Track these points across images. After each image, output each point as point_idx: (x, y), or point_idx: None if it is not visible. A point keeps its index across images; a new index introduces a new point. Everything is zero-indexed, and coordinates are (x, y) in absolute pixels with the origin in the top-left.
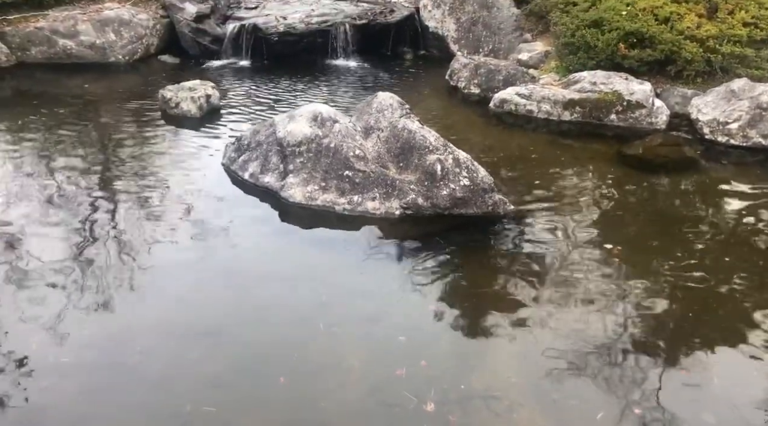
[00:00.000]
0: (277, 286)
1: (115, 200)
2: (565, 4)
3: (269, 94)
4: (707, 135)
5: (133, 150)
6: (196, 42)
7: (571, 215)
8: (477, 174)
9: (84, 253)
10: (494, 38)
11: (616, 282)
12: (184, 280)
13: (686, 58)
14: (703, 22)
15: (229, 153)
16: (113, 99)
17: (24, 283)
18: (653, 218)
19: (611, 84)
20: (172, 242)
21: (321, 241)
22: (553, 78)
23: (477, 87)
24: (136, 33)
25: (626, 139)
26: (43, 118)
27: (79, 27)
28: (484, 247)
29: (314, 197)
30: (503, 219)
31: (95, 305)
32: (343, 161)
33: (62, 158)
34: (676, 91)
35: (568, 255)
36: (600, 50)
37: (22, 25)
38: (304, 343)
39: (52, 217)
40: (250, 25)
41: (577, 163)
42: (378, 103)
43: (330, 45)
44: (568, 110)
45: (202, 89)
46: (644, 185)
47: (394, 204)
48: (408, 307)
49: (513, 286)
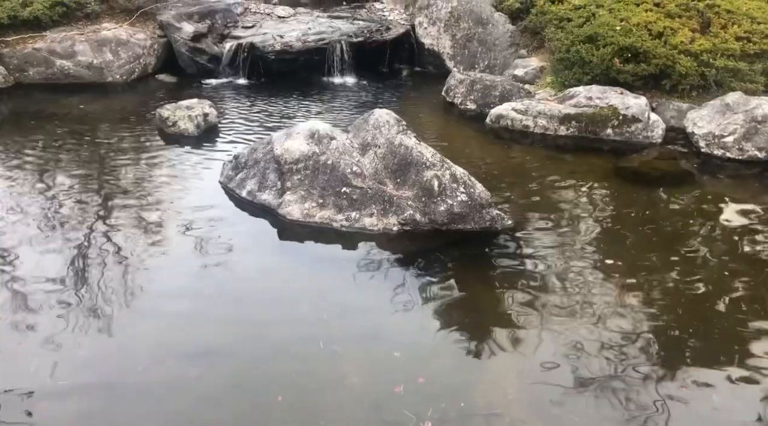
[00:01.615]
0: (276, 304)
1: (113, 219)
2: (559, 20)
3: (266, 111)
4: (703, 148)
5: (131, 169)
6: (194, 61)
7: (568, 230)
8: (474, 189)
9: (81, 273)
10: (490, 54)
11: (615, 297)
12: (181, 298)
13: (681, 72)
14: (696, 37)
15: (227, 171)
16: (111, 118)
17: (21, 303)
18: (651, 232)
19: (607, 98)
20: (169, 261)
21: (319, 257)
22: (549, 93)
23: (473, 103)
24: (133, 53)
25: (622, 153)
26: (41, 138)
27: (76, 47)
28: (482, 262)
29: (312, 214)
30: (501, 234)
31: (93, 325)
32: (341, 178)
33: (60, 178)
34: (672, 105)
35: (566, 270)
36: (595, 65)
37: (21, 47)
38: (303, 361)
39: (50, 237)
40: (247, 43)
41: (574, 178)
42: (375, 119)
43: (327, 63)
44: (564, 125)
45: (200, 108)
46: (641, 199)
47: (392, 220)
48: (407, 323)
49: (512, 302)
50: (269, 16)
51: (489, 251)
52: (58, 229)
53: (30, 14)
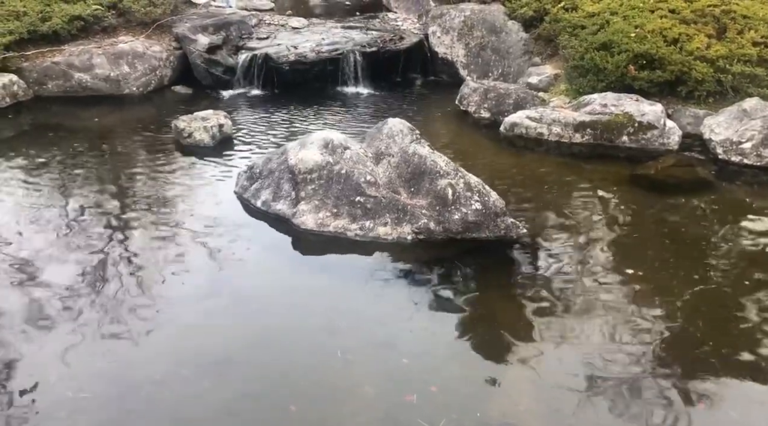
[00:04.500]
0: (290, 313)
1: (129, 229)
2: (573, 28)
3: (281, 122)
4: (720, 155)
5: (147, 180)
6: (209, 72)
7: (585, 238)
8: (489, 198)
9: (98, 283)
10: (503, 62)
11: (632, 307)
12: (196, 307)
13: (697, 78)
14: (712, 43)
15: (242, 181)
16: (127, 130)
17: (40, 313)
18: (669, 240)
19: (622, 106)
20: (184, 270)
21: (333, 267)
22: (563, 101)
23: (487, 111)
24: (149, 65)
25: (638, 160)
26: (59, 150)
27: (94, 60)
28: (497, 271)
29: (326, 223)
30: (516, 243)
31: (110, 335)
32: (355, 187)
33: (77, 189)
34: (688, 112)
35: (583, 279)
36: (609, 72)
37: (40, 60)
38: (317, 370)
39: (67, 247)
40: (262, 55)
41: (589, 185)
42: (388, 128)
43: (340, 72)
44: (579, 132)
45: (215, 119)
46: (658, 207)
47: (406, 229)
48: (421, 332)
49: (527, 311)
50: (283, 28)
51: (504, 260)
52: (74, 240)
53: (49, 28)
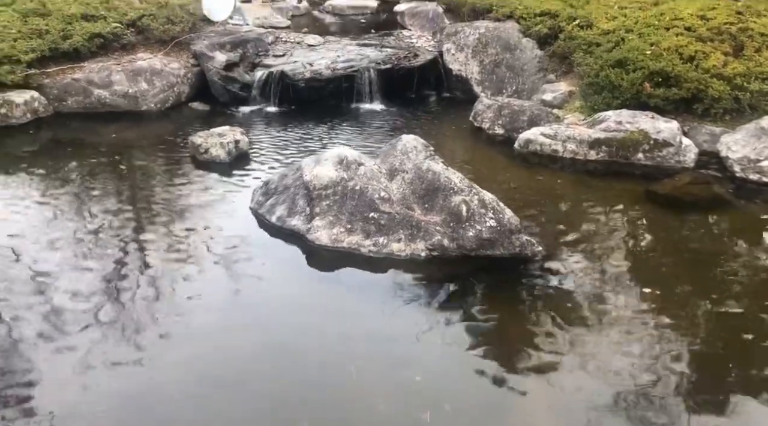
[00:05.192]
0: (304, 330)
1: (145, 244)
2: (588, 45)
3: (296, 138)
4: (738, 173)
5: (164, 195)
6: (226, 89)
7: (601, 256)
8: (503, 215)
9: (114, 298)
10: (518, 79)
11: (651, 326)
12: (211, 323)
13: (713, 96)
14: (729, 61)
15: (257, 197)
16: (145, 146)
17: (56, 328)
18: (686, 259)
19: (637, 123)
20: (199, 286)
21: (347, 283)
22: (578, 118)
23: (501, 128)
24: (167, 82)
25: (654, 177)
26: (77, 165)
27: (113, 77)
28: (513, 289)
29: (340, 239)
30: (532, 260)
31: (126, 351)
32: (369, 203)
33: (94, 204)
34: (704, 129)
35: (599, 298)
36: (625, 90)
37: (60, 77)
38: (332, 387)
39: (84, 262)
40: (278, 72)
41: (605, 203)
42: (402, 145)
43: (355, 89)
44: (594, 149)
45: (231, 135)
46: (675, 225)
47: (420, 245)
48: (435, 349)
49: (543, 330)
50: (299, 45)
51: (519, 278)
52: (91, 254)
53: (70, 46)
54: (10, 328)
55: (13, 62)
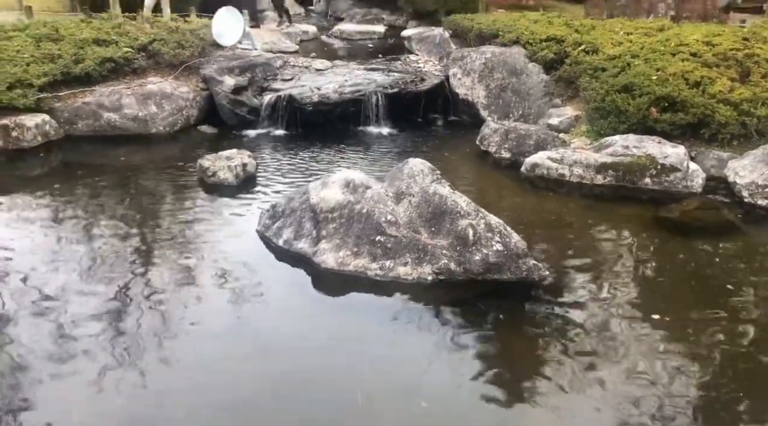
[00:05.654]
0: (310, 355)
1: (151, 266)
2: (594, 70)
3: (303, 161)
4: (746, 198)
5: (171, 218)
6: (234, 113)
7: (609, 282)
8: (510, 239)
9: (120, 321)
10: (524, 104)
11: (660, 354)
12: (217, 348)
13: (720, 121)
14: (735, 86)
15: (264, 220)
16: (153, 169)
17: (62, 350)
18: (696, 285)
19: (644, 147)
20: (205, 308)
21: (353, 307)
22: (585, 142)
23: (508, 151)
24: (177, 105)
25: (662, 202)
26: (86, 188)
27: (123, 101)
28: (520, 314)
29: (346, 263)
30: (539, 285)
31: (131, 374)
32: (375, 227)
33: (103, 226)
34: (712, 154)
35: (608, 324)
36: (631, 114)
37: (71, 101)
38: (336, 413)
39: (91, 284)
40: (286, 95)
41: (612, 227)
42: (409, 168)
43: (362, 113)
44: (601, 174)
45: (239, 158)
46: (684, 250)
47: (427, 269)
48: (442, 375)
49: (552, 357)
50: (307, 69)
51: (526, 303)
52: (99, 276)
53: (81, 70)
54: (15, 351)
55: (26, 86)
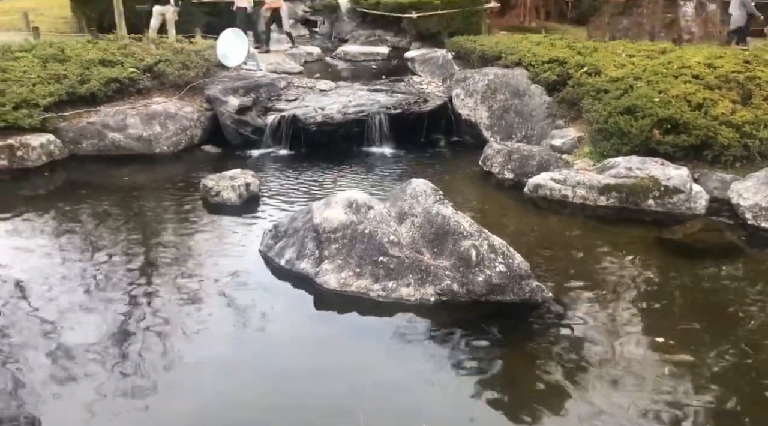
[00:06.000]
0: (312, 376)
1: (154, 286)
2: (596, 92)
3: (307, 181)
4: (750, 220)
5: (174, 237)
6: (238, 133)
7: (612, 304)
8: (513, 260)
9: (121, 341)
10: (527, 125)
11: (664, 377)
12: (219, 369)
13: (722, 143)
14: (737, 108)
15: (267, 240)
16: (157, 188)
17: (63, 371)
18: (700, 308)
19: (647, 169)
20: (208, 329)
21: (355, 328)
22: (587, 163)
23: (511, 172)
24: (181, 125)
25: (665, 224)
26: (90, 207)
27: (128, 121)
28: (523, 336)
29: (348, 283)
30: (542, 307)
31: (131, 394)
32: (378, 247)
33: (106, 246)
34: (715, 176)
35: (612, 347)
36: (634, 136)
37: (76, 120)
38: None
39: (92, 304)
40: (290, 116)
41: (615, 249)
42: (412, 189)
43: (366, 133)
44: (604, 195)
45: (242, 178)
46: (687, 272)
47: (429, 290)
48: (445, 398)
49: (553, 379)
50: (311, 90)
51: (529, 324)
52: (101, 297)
53: (87, 91)
54: (17, 370)
55: (31, 106)
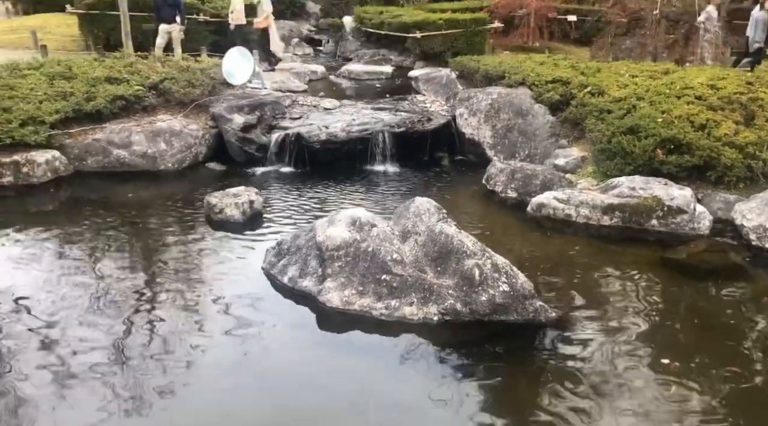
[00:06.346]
0: (314, 394)
1: (156, 304)
2: (599, 112)
3: (310, 199)
4: (754, 241)
5: (177, 254)
6: (243, 150)
7: (616, 324)
8: (516, 279)
9: (123, 356)
10: (530, 144)
11: (669, 399)
12: (221, 386)
13: (726, 164)
14: (740, 129)
15: (270, 257)
16: (160, 205)
17: (64, 385)
18: (705, 329)
19: (650, 189)
20: (210, 347)
21: (358, 347)
22: (591, 183)
23: (514, 191)
24: (185, 142)
25: (669, 244)
26: (94, 224)
27: (133, 138)
28: (526, 357)
29: (351, 302)
30: (546, 327)
31: (133, 411)
32: (381, 265)
33: (109, 262)
34: (718, 197)
35: (617, 368)
36: (637, 156)
37: (81, 137)
38: None
39: (95, 319)
40: (294, 133)
41: (620, 269)
42: (415, 207)
43: (369, 151)
44: (608, 215)
45: (246, 195)
46: (692, 293)
47: (432, 309)
48: (448, 419)
49: (558, 400)
50: (316, 108)
51: (533, 345)
52: (104, 314)
53: (93, 108)
54: (19, 384)
55: (37, 123)
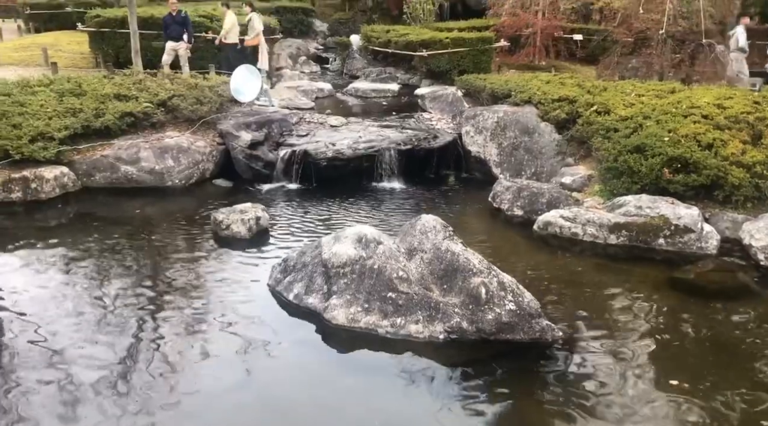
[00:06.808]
0: (319, 412)
1: (162, 319)
2: (606, 131)
3: (316, 215)
4: (762, 261)
5: (183, 270)
6: (250, 167)
7: (623, 344)
8: (523, 298)
9: (128, 373)
10: (536, 162)
11: (677, 420)
12: (225, 403)
13: (733, 183)
14: (747, 149)
15: (275, 274)
16: (168, 221)
17: (68, 402)
18: (713, 350)
19: (657, 208)
20: (215, 364)
21: (363, 365)
22: (597, 201)
23: (520, 209)
24: (193, 159)
25: (676, 263)
26: (100, 239)
27: (141, 154)
28: (532, 376)
29: (357, 319)
30: (552, 346)
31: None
32: (387, 283)
33: (115, 279)
34: (726, 216)
35: (622, 388)
36: (644, 175)
37: (90, 154)
38: None
39: (100, 336)
40: (301, 150)
41: (626, 288)
42: (421, 225)
43: (376, 168)
44: (614, 234)
45: (252, 212)
46: (700, 313)
47: (438, 328)
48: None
49: (564, 422)
50: (322, 125)
51: (539, 365)
52: (109, 330)
53: (101, 124)
54: (23, 400)
55: (47, 139)
